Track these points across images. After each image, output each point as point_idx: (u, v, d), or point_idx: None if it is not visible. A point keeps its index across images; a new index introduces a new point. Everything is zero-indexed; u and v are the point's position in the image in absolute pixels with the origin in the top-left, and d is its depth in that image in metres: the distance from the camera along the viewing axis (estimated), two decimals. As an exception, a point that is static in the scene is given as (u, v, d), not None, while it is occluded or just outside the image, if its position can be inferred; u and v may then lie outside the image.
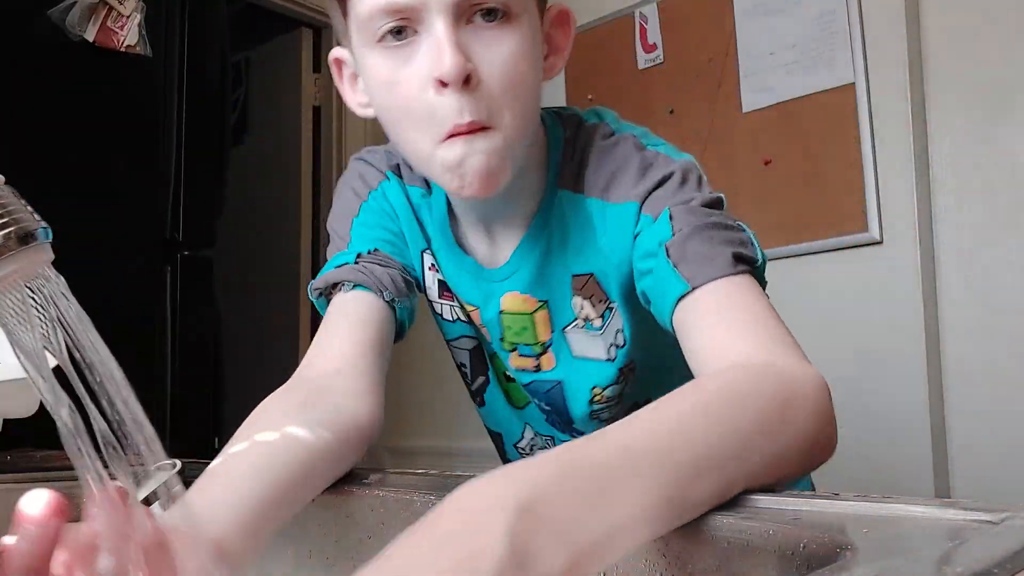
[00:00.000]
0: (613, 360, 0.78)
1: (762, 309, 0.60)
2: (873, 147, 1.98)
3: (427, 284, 0.82)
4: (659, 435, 0.43)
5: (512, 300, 0.78)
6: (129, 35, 2.06)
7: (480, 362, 0.87)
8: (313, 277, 0.79)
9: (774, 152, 2.11)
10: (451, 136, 0.63)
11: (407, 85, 0.64)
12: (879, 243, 1.97)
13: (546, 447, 0.88)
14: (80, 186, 1.98)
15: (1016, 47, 1.85)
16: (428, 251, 0.81)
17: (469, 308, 0.81)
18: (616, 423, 0.44)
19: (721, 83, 2.24)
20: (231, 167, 2.41)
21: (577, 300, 0.77)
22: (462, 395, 0.92)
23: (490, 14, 0.63)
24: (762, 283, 0.64)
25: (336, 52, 0.74)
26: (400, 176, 0.81)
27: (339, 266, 0.76)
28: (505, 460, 0.92)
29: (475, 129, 0.63)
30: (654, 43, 2.40)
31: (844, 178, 2.01)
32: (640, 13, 2.42)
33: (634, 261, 0.69)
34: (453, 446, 2.72)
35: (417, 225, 0.80)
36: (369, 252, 0.77)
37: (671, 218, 0.66)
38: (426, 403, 2.84)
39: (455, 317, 0.83)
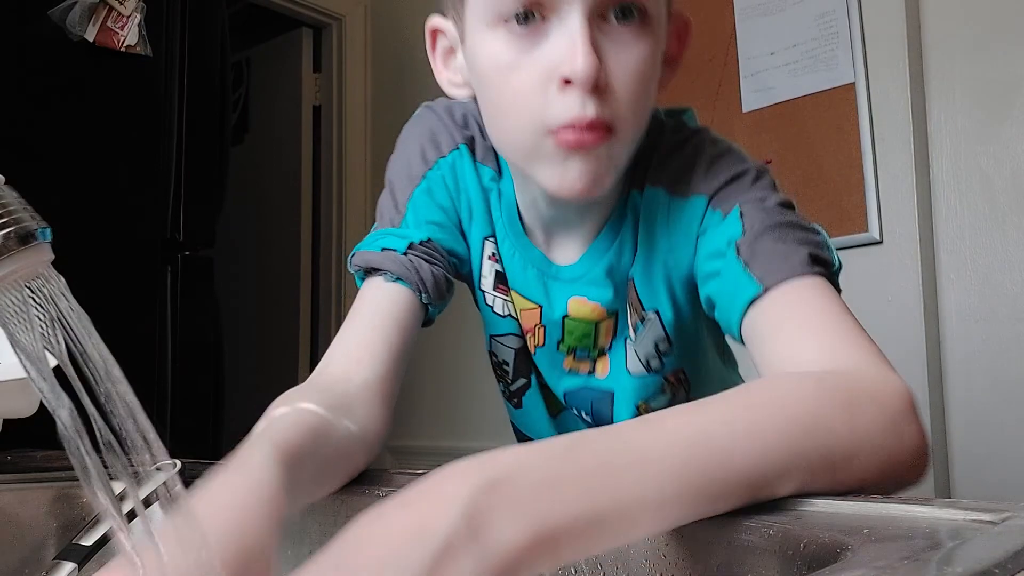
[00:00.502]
0: (658, 371, 0.75)
1: (838, 312, 0.56)
2: (873, 147, 1.98)
3: (483, 273, 0.78)
4: (675, 435, 0.40)
5: (580, 306, 0.74)
6: (129, 35, 2.06)
7: (525, 364, 0.83)
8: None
9: (774, 152, 2.11)
10: (564, 129, 0.59)
11: (526, 74, 0.59)
12: (879, 243, 1.97)
13: None
14: (80, 186, 1.98)
15: (1016, 47, 1.85)
16: (491, 239, 0.77)
17: (528, 306, 0.77)
18: (638, 418, 0.43)
19: (721, 83, 2.24)
20: (231, 167, 2.41)
21: (629, 309, 0.74)
22: (463, 395, 0.92)
23: (627, 14, 0.59)
24: (837, 290, 0.61)
25: (435, 22, 0.69)
26: (473, 152, 0.76)
27: (386, 249, 0.72)
28: None
29: (595, 127, 0.58)
30: (654, 43, 2.40)
31: (844, 178, 2.01)
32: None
33: (698, 263, 0.65)
34: (453, 446, 2.72)
35: (485, 210, 0.76)
36: (421, 242, 0.72)
37: (742, 216, 0.61)
38: (427, 403, 2.84)
39: (507, 313, 0.79)
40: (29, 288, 0.36)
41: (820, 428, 0.44)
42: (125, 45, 2.06)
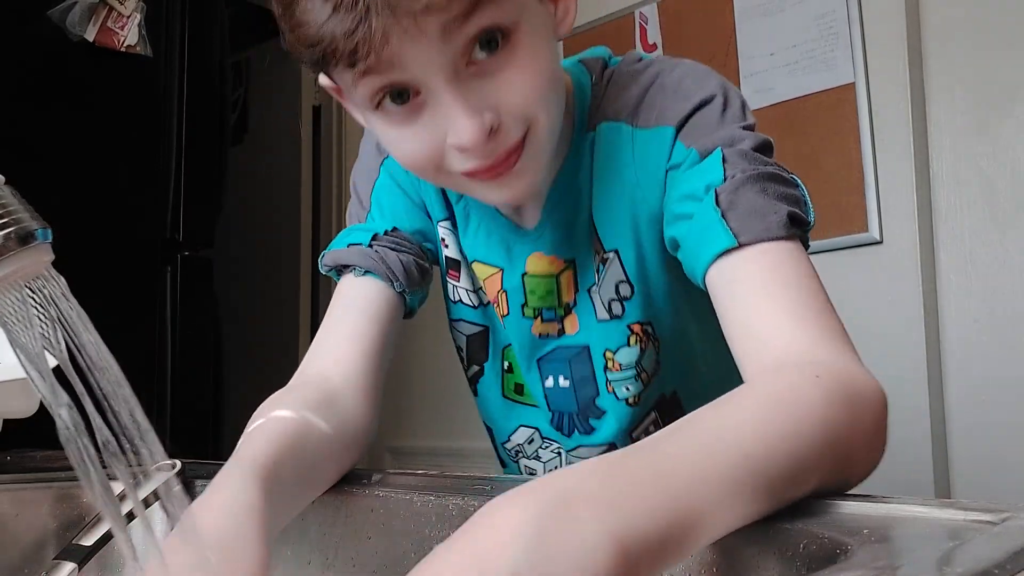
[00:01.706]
0: (620, 316, 0.72)
1: (814, 290, 0.54)
2: (873, 147, 1.98)
3: (440, 258, 0.78)
4: (714, 441, 0.39)
5: (537, 262, 0.72)
6: (129, 35, 2.06)
7: (479, 349, 0.82)
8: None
9: (774, 152, 2.11)
10: (474, 172, 0.59)
11: (419, 143, 0.58)
12: (879, 243, 1.97)
13: (538, 457, 0.84)
14: (80, 186, 1.97)
15: (1016, 47, 1.85)
16: (445, 222, 0.76)
17: (490, 272, 0.75)
18: (657, 433, 0.41)
19: (721, 83, 2.23)
20: (231, 167, 2.41)
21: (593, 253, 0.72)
22: (462, 395, 0.91)
23: (488, 44, 0.55)
24: (806, 247, 0.59)
25: (324, 81, 0.64)
26: None
27: (352, 245, 0.73)
28: (498, 455, 0.89)
29: (505, 157, 0.58)
30: (654, 43, 2.40)
31: (844, 178, 2.01)
32: (640, 13, 2.42)
33: (668, 202, 0.63)
34: (453, 446, 2.72)
35: (439, 191, 0.75)
36: (386, 232, 0.73)
37: (724, 161, 0.59)
38: (426, 403, 2.83)
39: (457, 298, 0.79)
40: (29, 288, 0.36)
41: (832, 427, 0.44)
42: (125, 45, 2.06)
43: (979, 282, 1.89)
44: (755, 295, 0.54)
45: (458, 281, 0.79)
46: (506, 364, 0.82)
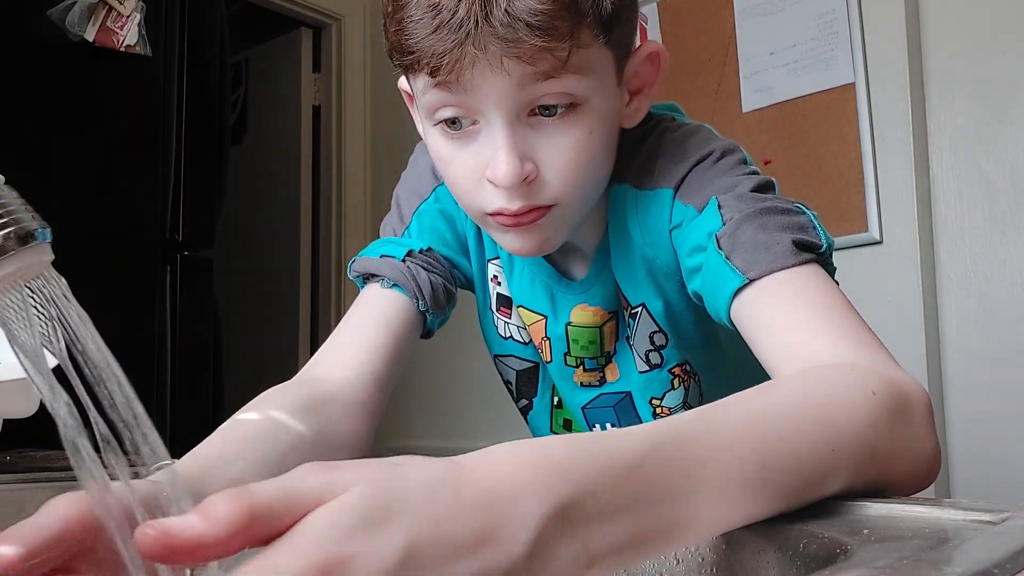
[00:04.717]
0: (660, 365, 0.75)
1: (838, 304, 0.54)
2: (873, 147, 1.98)
3: (488, 294, 0.80)
4: (738, 437, 0.38)
5: (581, 313, 0.75)
6: (129, 35, 2.06)
7: (528, 384, 0.84)
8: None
9: (774, 152, 2.11)
10: (497, 215, 0.62)
11: (462, 169, 0.63)
12: (879, 243, 1.97)
13: None
14: (80, 186, 1.98)
15: (1016, 47, 1.85)
16: (495, 261, 0.78)
17: (535, 319, 0.77)
18: (677, 417, 0.40)
19: (721, 83, 2.23)
20: (231, 167, 2.41)
21: None
22: (462, 395, 0.91)
23: (554, 108, 0.60)
24: (830, 270, 0.59)
25: (403, 84, 0.70)
26: None
27: (385, 256, 0.73)
28: None
29: (528, 212, 0.61)
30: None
31: (844, 178, 2.01)
32: (640, 13, 2.42)
33: (681, 260, 0.65)
34: (453, 446, 2.72)
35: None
36: (421, 251, 0.74)
37: (720, 207, 0.60)
38: (426, 403, 2.83)
39: (508, 335, 0.81)
40: (29, 288, 0.36)
41: (867, 425, 0.43)
42: (125, 45, 2.06)
43: (979, 281, 1.89)
44: (778, 320, 0.55)
45: (509, 319, 0.80)
46: (555, 400, 0.84)
